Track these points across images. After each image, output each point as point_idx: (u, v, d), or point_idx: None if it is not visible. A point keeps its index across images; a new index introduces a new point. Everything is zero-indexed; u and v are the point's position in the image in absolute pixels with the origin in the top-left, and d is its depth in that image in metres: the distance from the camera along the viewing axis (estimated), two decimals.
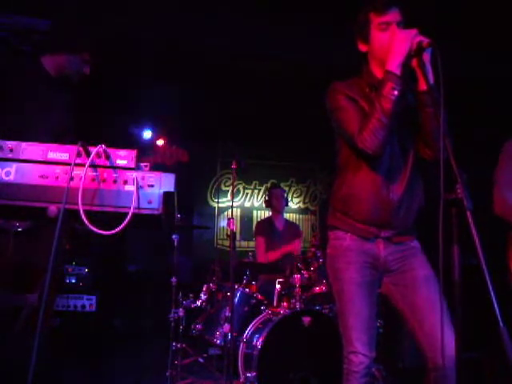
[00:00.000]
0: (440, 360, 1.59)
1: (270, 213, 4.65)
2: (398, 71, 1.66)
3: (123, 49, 4.51)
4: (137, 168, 1.34)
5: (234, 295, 3.13)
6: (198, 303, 3.57)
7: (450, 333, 1.53)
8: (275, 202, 4.52)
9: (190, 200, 6.40)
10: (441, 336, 1.48)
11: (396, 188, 1.78)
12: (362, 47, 1.85)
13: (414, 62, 1.67)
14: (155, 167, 1.38)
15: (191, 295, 3.62)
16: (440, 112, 1.38)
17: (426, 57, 1.63)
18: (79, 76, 2.20)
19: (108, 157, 1.33)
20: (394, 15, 1.74)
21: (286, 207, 4.66)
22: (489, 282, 1.14)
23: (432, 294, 1.72)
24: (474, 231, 1.20)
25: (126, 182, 1.30)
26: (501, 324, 1.12)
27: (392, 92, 1.65)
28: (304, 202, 6.93)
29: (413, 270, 1.78)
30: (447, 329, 1.57)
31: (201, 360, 3.59)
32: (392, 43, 1.66)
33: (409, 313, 1.76)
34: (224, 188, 6.61)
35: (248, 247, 6.22)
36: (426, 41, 1.59)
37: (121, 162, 1.33)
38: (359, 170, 1.81)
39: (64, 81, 2.19)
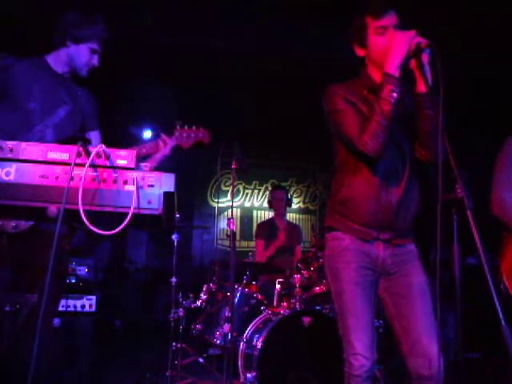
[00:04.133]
0: (423, 370, 1.65)
1: (272, 213, 4.65)
2: (396, 73, 1.66)
3: (123, 49, 4.51)
4: (137, 168, 1.34)
5: (234, 295, 3.13)
6: (198, 303, 3.57)
7: (435, 345, 1.63)
8: (276, 204, 4.51)
9: (190, 200, 6.40)
10: (436, 348, 1.57)
11: (395, 190, 1.78)
12: (360, 52, 1.85)
13: (413, 64, 1.67)
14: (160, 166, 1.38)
15: (191, 295, 3.62)
16: (439, 113, 1.38)
17: (425, 58, 1.63)
18: (88, 68, 2.12)
19: (108, 157, 1.32)
20: (390, 19, 1.74)
21: (288, 207, 4.65)
22: (490, 282, 1.14)
23: (422, 306, 1.73)
24: (474, 231, 1.20)
25: (125, 182, 1.30)
26: (502, 323, 1.12)
27: (391, 94, 1.65)
28: (304, 202, 6.93)
29: (408, 277, 1.79)
30: (433, 341, 1.65)
31: (201, 360, 3.59)
32: (390, 45, 1.66)
33: (396, 321, 1.77)
34: (224, 188, 6.61)
35: (248, 247, 6.22)
36: (424, 42, 1.59)
37: (121, 162, 1.33)
38: (357, 172, 1.81)
39: (73, 75, 2.12)
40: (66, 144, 1.33)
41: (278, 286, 3.50)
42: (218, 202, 6.55)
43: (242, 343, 3.05)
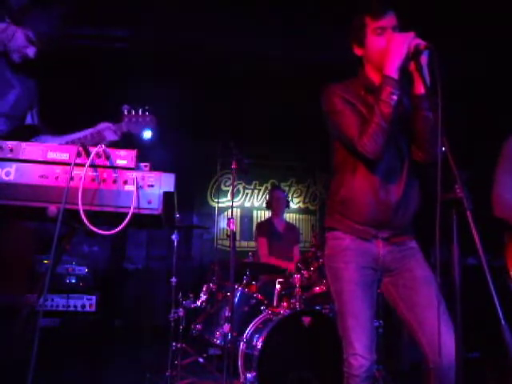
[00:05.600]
0: (437, 359, 1.61)
1: (270, 213, 4.65)
2: (395, 75, 1.66)
3: (123, 49, 4.51)
4: (137, 168, 1.34)
5: (234, 295, 3.13)
6: (198, 303, 3.57)
7: (449, 332, 1.56)
8: (275, 204, 4.51)
9: (190, 200, 6.40)
10: (438, 336, 1.51)
11: (394, 190, 1.79)
12: (358, 51, 1.86)
13: (412, 66, 1.67)
14: (156, 165, 1.38)
15: (191, 295, 3.62)
16: (437, 115, 1.38)
17: (424, 60, 1.63)
18: (21, 55, 1.91)
19: (108, 157, 1.33)
20: (389, 20, 1.74)
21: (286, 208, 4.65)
22: (490, 282, 1.14)
23: (431, 295, 1.72)
24: (474, 231, 1.20)
25: (125, 182, 1.31)
26: (502, 322, 1.12)
27: (391, 97, 1.65)
28: (304, 202, 6.93)
29: (411, 270, 1.79)
30: (447, 328, 1.60)
31: (201, 360, 3.59)
32: (389, 47, 1.66)
33: (408, 314, 1.76)
34: (224, 188, 6.61)
35: (248, 247, 6.22)
36: (423, 43, 1.59)
37: (121, 162, 1.33)
38: (357, 172, 1.81)
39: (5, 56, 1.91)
40: (16, 134, 1.30)
41: (277, 286, 3.50)
42: (218, 202, 6.55)
43: (241, 343, 3.05)
